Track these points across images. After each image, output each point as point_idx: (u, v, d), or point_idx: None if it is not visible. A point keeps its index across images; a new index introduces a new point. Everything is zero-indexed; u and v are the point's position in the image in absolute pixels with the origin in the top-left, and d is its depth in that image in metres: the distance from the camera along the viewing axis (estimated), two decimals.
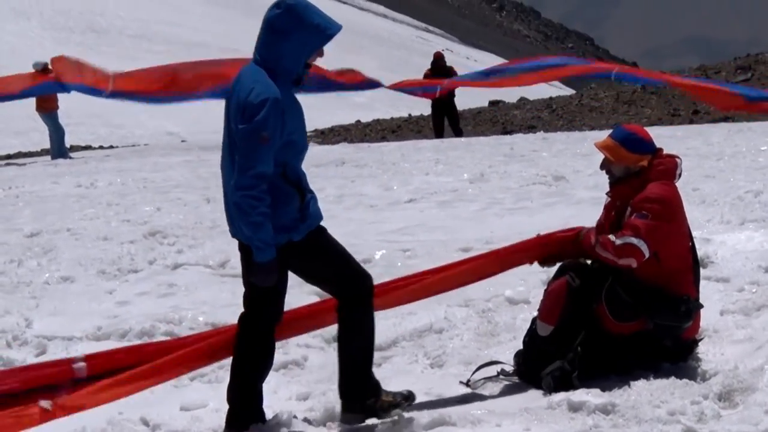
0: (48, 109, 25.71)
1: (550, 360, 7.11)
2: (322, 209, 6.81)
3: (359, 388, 6.62)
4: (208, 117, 39.42)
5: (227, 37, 61.24)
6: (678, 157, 7.40)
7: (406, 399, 6.75)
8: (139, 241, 12.20)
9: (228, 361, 8.05)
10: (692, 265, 7.35)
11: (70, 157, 25.83)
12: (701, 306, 7.31)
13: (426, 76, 27.01)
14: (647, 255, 7.00)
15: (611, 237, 7.07)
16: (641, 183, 7.22)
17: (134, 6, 64.30)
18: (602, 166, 7.50)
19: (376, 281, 9.93)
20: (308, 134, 30.93)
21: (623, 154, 7.29)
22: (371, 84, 22.72)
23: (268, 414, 6.95)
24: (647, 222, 7.01)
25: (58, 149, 26.02)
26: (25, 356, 8.43)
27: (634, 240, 6.98)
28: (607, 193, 7.55)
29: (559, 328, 7.18)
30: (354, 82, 22.34)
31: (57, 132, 25.99)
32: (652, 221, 7.02)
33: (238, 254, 10.94)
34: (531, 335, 7.45)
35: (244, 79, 6.28)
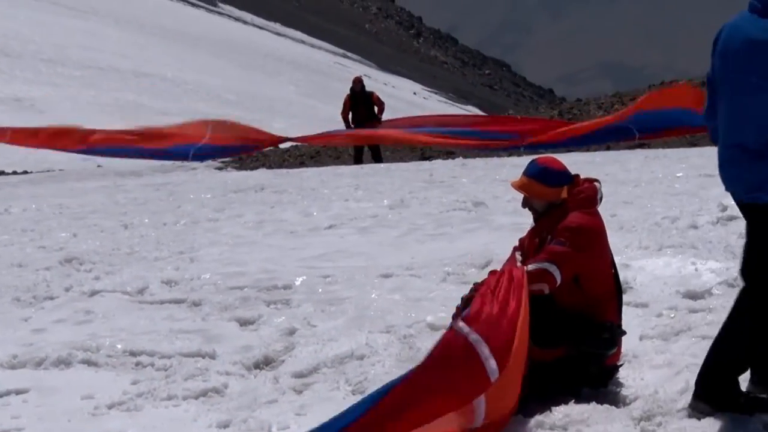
0: None
1: None
2: (240, 235, 6.65)
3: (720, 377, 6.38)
4: None
5: (144, 61, 60.84)
6: (597, 181, 7.42)
7: None
8: (55, 268, 12.07)
9: (146, 388, 8.00)
10: (615, 291, 7.39)
11: None
12: (624, 333, 7.35)
13: (346, 102, 27.01)
14: (558, 281, 6.99)
15: (526, 266, 7.05)
16: (563, 213, 7.22)
17: (48, 30, 63.67)
18: (524, 204, 7.48)
19: (299, 311, 9.93)
20: (224, 160, 30.70)
21: (541, 189, 7.28)
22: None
23: None
24: (563, 249, 7.01)
25: None
26: None
27: (546, 265, 6.96)
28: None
29: None
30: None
31: None
32: (569, 248, 7.01)
33: (156, 281, 11.02)
34: None
35: (742, 25, 6.02)
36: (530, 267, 7.00)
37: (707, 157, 19.52)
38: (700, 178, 16.40)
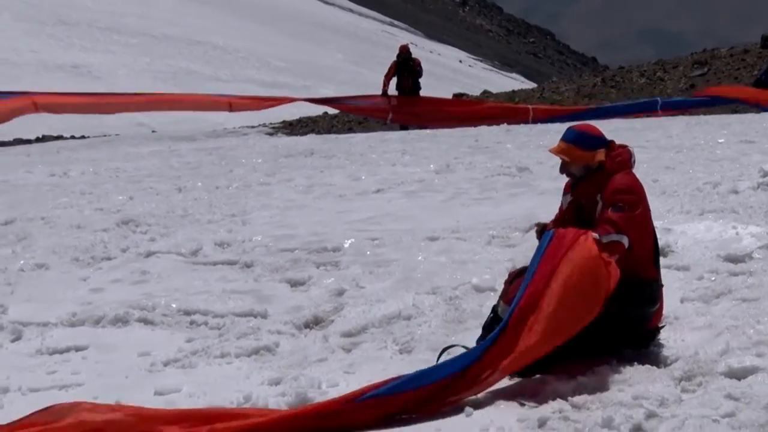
0: None
1: None
2: (291, 199, 6.75)
3: None
4: None
5: (196, 30, 60.97)
6: (629, 146, 7.59)
7: None
8: (112, 230, 12.25)
9: (200, 346, 8.25)
10: (654, 250, 7.52)
11: None
12: (662, 285, 7.49)
13: (391, 67, 27.24)
14: (627, 247, 7.13)
15: (594, 235, 7.09)
16: (604, 177, 7.36)
17: None
18: (561, 170, 7.64)
19: (348, 273, 10.09)
20: (275, 126, 31.33)
21: (579, 153, 7.44)
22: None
23: (239, 398, 7.09)
24: (624, 214, 7.14)
25: None
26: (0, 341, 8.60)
27: (615, 237, 7.07)
28: (565, 192, 7.72)
29: None
30: None
31: None
32: (628, 212, 7.16)
33: (209, 243, 11.23)
34: (491, 320, 7.52)
35: None
36: (604, 240, 7.05)
37: (748, 123, 19.52)
38: (741, 144, 16.35)
